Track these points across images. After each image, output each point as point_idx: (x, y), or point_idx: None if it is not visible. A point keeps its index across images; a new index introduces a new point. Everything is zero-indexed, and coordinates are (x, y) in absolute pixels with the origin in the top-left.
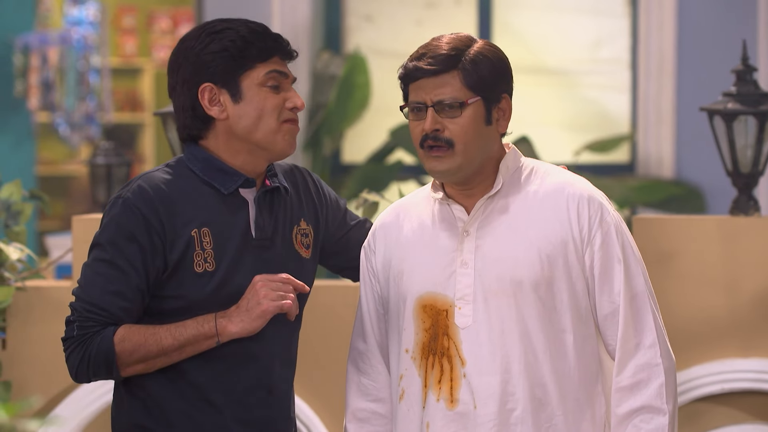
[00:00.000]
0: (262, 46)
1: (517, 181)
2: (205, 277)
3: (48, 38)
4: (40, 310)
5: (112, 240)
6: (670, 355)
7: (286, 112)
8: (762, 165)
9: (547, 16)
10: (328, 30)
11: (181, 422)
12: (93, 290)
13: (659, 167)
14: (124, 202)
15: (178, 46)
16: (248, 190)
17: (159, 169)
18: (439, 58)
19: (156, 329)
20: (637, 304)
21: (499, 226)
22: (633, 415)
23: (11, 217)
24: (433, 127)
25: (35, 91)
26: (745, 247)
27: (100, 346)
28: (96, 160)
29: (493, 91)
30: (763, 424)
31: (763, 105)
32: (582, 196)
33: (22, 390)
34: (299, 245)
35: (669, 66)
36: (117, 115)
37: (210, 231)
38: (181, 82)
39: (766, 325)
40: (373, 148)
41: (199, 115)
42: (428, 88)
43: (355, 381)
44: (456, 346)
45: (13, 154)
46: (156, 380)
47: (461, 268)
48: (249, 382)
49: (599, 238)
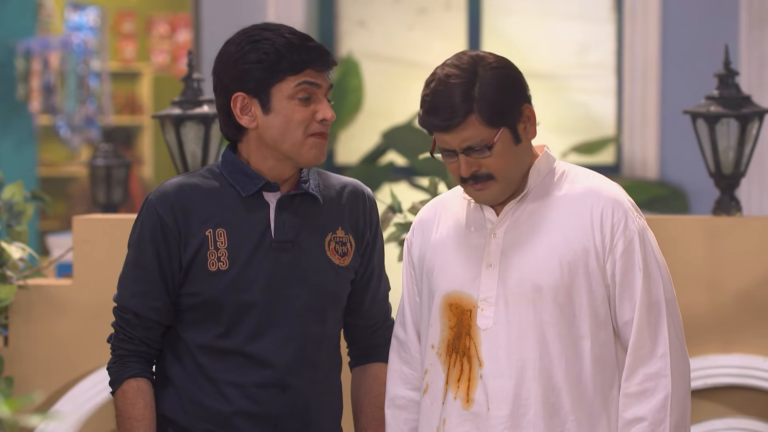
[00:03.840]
0: (295, 59)
1: (547, 185)
2: (218, 276)
3: (49, 43)
4: (41, 307)
5: (137, 240)
6: (685, 362)
7: (314, 125)
8: (744, 166)
9: (536, 22)
10: (322, 35)
11: (195, 411)
12: (125, 293)
13: (644, 168)
14: (148, 203)
15: (222, 49)
16: (272, 194)
17: (191, 172)
18: (452, 111)
19: (142, 428)
20: (654, 313)
21: (525, 229)
22: (635, 423)
23: (13, 217)
24: (470, 172)
25: (37, 95)
26: (728, 247)
27: (115, 375)
28: (96, 161)
29: (513, 113)
30: (744, 418)
31: (745, 108)
32: (606, 203)
33: (24, 386)
34: (332, 252)
35: (653, 70)
36: (116, 118)
37: (225, 231)
38: (220, 86)
39: (748, 322)
40: (365, 149)
41: (232, 120)
42: (452, 136)
43: (397, 369)
44: (476, 346)
45: (16, 156)
46: (180, 370)
47: (486, 270)
48: (260, 380)
49: (621, 246)
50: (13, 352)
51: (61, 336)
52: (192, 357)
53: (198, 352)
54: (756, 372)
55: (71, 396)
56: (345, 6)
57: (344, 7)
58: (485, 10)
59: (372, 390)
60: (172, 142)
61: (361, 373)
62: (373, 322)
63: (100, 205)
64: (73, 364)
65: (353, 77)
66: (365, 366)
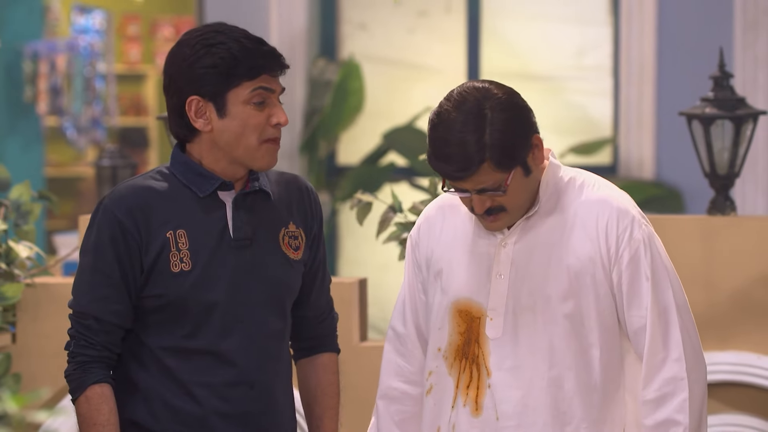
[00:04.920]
0: (250, 65)
1: (557, 195)
2: (182, 277)
3: (56, 46)
4: (48, 305)
5: (95, 245)
6: (700, 364)
7: (269, 130)
8: (738, 167)
9: (534, 25)
10: (324, 38)
11: (165, 415)
12: (83, 299)
13: (640, 169)
14: (103, 208)
15: (175, 49)
16: (226, 193)
17: (142, 175)
18: (465, 162)
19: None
20: (665, 319)
21: (535, 240)
22: (658, 427)
23: (21, 216)
24: (483, 209)
25: (44, 97)
26: (722, 246)
27: (77, 382)
28: (102, 162)
29: (522, 151)
30: (739, 414)
31: (739, 110)
32: (612, 213)
33: (32, 382)
34: (286, 246)
35: (649, 72)
36: (122, 119)
37: (186, 232)
38: (173, 87)
39: (743, 320)
40: (366, 150)
41: (185, 122)
42: (465, 182)
43: (392, 361)
44: (484, 355)
45: (23, 157)
46: (145, 375)
47: (496, 279)
48: (230, 378)
49: (627, 256)
50: (20, 349)
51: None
52: (157, 360)
53: (163, 354)
54: (750, 369)
55: None
56: (346, 9)
57: (346, 10)
58: (484, 14)
59: (324, 379)
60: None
61: (309, 363)
62: (320, 312)
63: None
64: None
65: (354, 79)
66: (314, 357)
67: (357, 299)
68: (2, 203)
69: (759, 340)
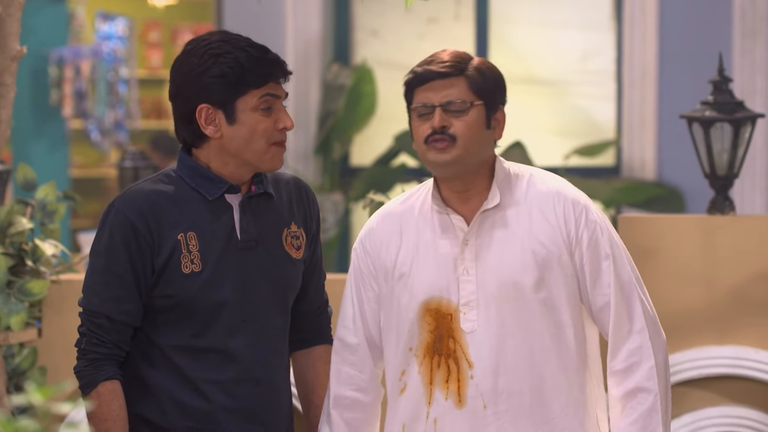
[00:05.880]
0: (257, 73)
1: (511, 189)
2: (192, 278)
3: (81, 51)
4: (72, 301)
5: (107, 247)
6: (660, 334)
7: (276, 134)
8: (737, 168)
9: (540, 31)
10: (338, 43)
11: (174, 411)
12: (94, 299)
13: (642, 170)
14: (115, 211)
15: (182, 59)
16: (233, 196)
17: (150, 178)
18: (448, 64)
19: (119, 428)
20: (626, 293)
21: (497, 234)
22: (628, 396)
23: (46, 215)
24: (441, 124)
25: (69, 100)
26: (722, 244)
27: (88, 378)
28: (124, 163)
29: (493, 99)
30: (737, 406)
31: (738, 113)
32: (566, 200)
33: (56, 375)
34: (289, 246)
35: (651, 77)
36: (143, 122)
37: (196, 234)
38: (181, 95)
39: (741, 316)
40: (379, 152)
41: (194, 129)
42: (436, 89)
43: (342, 371)
44: (462, 349)
45: (49, 158)
46: (154, 372)
47: (464, 276)
48: (236, 375)
49: (586, 237)
50: (46, 343)
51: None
52: (166, 358)
53: (172, 352)
54: (748, 363)
55: None
56: (359, 16)
57: (358, 17)
58: (492, 20)
59: (321, 370)
60: None
61: (306, 355)
62: (316, 307)
63: None
64: None
65: (367, 83)
66: (310, 349)
67: None
68: (29, 203)
69: (757, 335)
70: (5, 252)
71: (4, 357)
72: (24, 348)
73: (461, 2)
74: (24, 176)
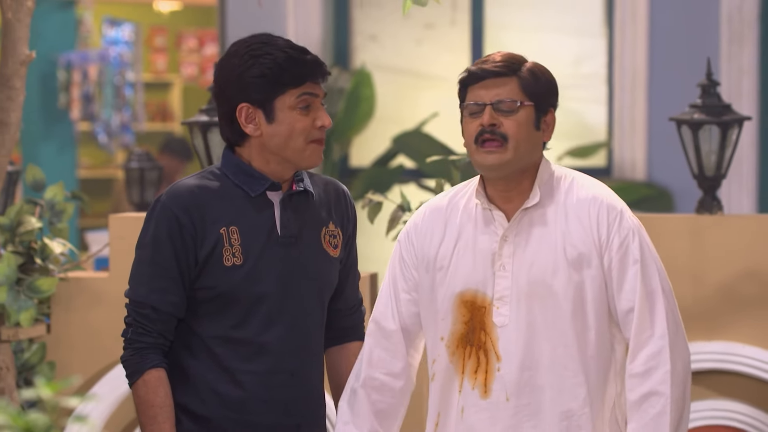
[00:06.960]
0: (295, 73)
1: (552, 191)
2: (233, 271)
3: (88, 56)
4: (80, 298)
5: (153, 240)
6: (683, 345)
7: (314, 132)
8: (725, 169)
9: (534, 36)
10: (337, 48)
11: (212, 400)
12: (141, 289)
13: (632, 171)
14: (161, 205)
15: (225, 60)
16: (275, 193)
17: (195, 174)
18: (501, 64)
19: (165, 414)
20: (651, 300)
21: (534, 233)
22: (642, 400)
23: (55, 215)
24: (491, 122)
25: (77, 103)
26: (710, 243)
27: (134, 367)
28: (130, 164)
29: (543, 101)
30: (725, 400)
31: (725, 115)
32: (602, 205)
33: (64, 370)
34: (327, 245)
35: (641, 81)
36: (149, 125)
37: (238, 229)
38: (223, 96)
39: (728, 312)
40: (377, 153)
41: (236, 128)
42: (488, 88)
43: (376, 354)
44: (492, 342)
45: (57, 159)
46: (194, 362)
47: (500, 271)
48: (273, 367)
49: (617, 241)
50: (54, 339)
51: (99, 324)
52: (207, 348)
53: (212, 343)
54: (736, 357)
55: (107, 380)
56: (358, 22)
57: (357, 22)
58: (487, 26)
59: (353, 365)
60: (200, 146)
61: (339, 351)
62: (352, 305)
63: (134, 204)
64: (109, 351)
65: (366, 87)
66: (344, 345)
67: (368, 292)
68: (38, 203)
69: (743, 331)
70: (15, 250)
71: (13, 352)
72: (33, 343)
73: (457, 8)
74: (33, 177)
